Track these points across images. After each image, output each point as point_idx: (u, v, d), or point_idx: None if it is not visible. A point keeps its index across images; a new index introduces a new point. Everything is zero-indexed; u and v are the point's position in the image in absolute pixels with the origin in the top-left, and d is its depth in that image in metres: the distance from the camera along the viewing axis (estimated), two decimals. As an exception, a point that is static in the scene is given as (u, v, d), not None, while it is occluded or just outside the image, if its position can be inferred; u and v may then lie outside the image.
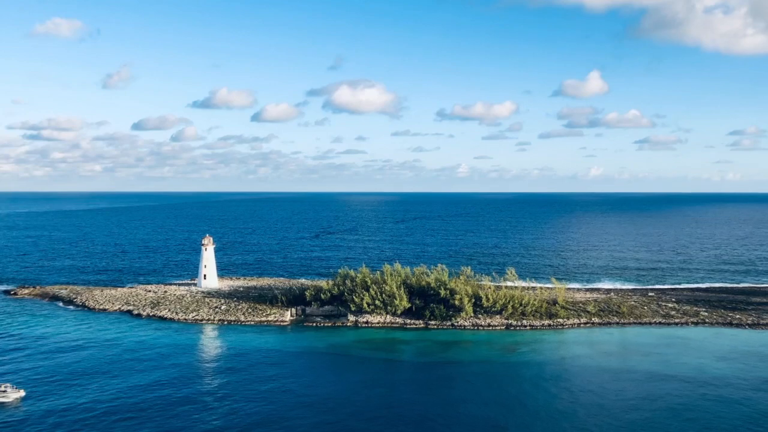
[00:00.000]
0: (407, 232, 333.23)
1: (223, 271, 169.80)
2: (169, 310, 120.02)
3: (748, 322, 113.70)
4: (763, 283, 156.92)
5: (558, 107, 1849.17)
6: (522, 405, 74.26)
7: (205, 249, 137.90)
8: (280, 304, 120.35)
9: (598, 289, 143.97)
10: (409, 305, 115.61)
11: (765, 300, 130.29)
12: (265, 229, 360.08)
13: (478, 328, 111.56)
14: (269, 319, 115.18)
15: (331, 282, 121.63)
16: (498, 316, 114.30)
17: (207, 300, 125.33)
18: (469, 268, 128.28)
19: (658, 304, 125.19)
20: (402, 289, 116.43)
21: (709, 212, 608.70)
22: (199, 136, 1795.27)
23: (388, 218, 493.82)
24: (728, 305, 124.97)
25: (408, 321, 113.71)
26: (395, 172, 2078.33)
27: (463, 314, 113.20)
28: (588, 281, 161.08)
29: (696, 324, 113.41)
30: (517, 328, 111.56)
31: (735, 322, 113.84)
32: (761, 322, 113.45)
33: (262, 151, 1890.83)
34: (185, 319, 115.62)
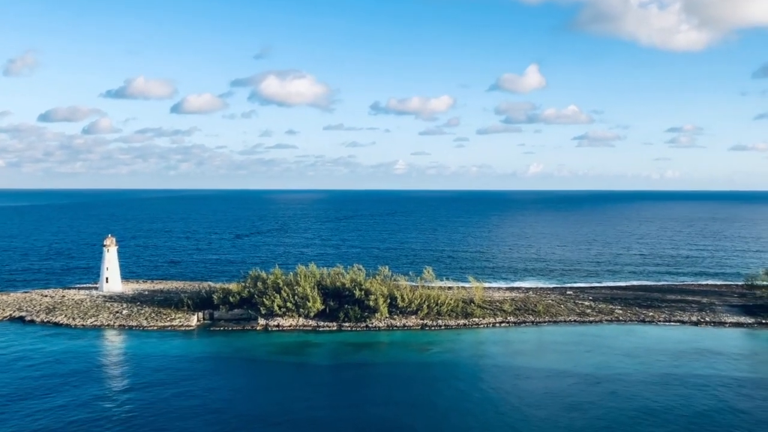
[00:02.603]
0: (335, 232, 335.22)
1: (130, 274, 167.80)
2: (66, 315, 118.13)
3: (660, 319, 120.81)
4: (681, 281, 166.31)
5: (495, 102, 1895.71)
6: (432, 405, 77.44)
7: (107, 250, 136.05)
8: (186, 308, 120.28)
9: (518, 288, 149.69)
10: (323, 307, 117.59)
11: (679, 297, 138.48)
12: (182, 229, 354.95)
13: (392, 329, 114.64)
14: (174, 324, 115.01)
15: (240, 284, 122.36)
16: (413, 317, 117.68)
17: (108, 304, 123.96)
18: (387, 267, 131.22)
19: (574, 302, 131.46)
20: (316, 290, 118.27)
21: (643, 210, 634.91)
22: (114, 128, 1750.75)
23: (317, 217, 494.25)
24: (643, 303, 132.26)
25: (321, 323, 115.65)
26: (329, 169, 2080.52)
27: (377, 315, 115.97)
28: (510, 280, 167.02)
29: (610, 322, 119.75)
30: (432, 328, 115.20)
31: (648, 319, 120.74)
32: (672, 319, 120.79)
33: (184, 145, 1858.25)
34: (83, 325, 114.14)
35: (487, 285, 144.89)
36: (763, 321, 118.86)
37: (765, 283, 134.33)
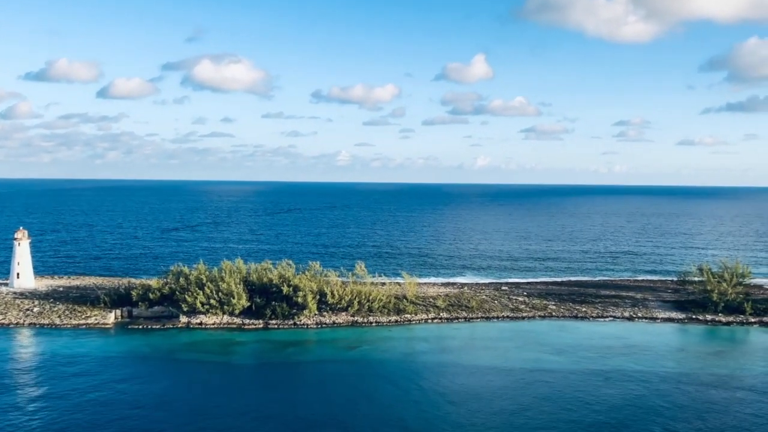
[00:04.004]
0: (270, 227, 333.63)
1: (46, 269, 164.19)
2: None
3: (593, 315, 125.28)
4: (617, 277, 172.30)
5: (442, 92, 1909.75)
6: (361, 403, 79.08)
7: (18, 244, 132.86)
8: (103, 305, 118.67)
9: (453, 284, 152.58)
10: (249, 304, 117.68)
11: (613, 293, 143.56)
12: (107, 222, 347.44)
13: (322, 327, 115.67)
14: (89, 321, 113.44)
15: (161, 280, 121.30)
16: (344, 313, 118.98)
17: (18, 302, 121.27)
18: (318, 263, 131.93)
19: (509, 297, 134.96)
20: (241, 286, 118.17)
21: (588, 205, 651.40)
22: (35, 113, 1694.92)
23: (253, 210, 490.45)
24: (577, 298, 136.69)
25: (247, 321, 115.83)
26: (268, 159, 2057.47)
27: (306, 312, 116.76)
28: (446, 275, 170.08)
29: (543, 317, 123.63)
30: (363, 325, 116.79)
31: (581, 315, 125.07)
32: (605, 314, 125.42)
33: (112, 132, 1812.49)
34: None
35: (422, 280, 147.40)
36: (693, 316, 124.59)
37: (697, 279, 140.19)
